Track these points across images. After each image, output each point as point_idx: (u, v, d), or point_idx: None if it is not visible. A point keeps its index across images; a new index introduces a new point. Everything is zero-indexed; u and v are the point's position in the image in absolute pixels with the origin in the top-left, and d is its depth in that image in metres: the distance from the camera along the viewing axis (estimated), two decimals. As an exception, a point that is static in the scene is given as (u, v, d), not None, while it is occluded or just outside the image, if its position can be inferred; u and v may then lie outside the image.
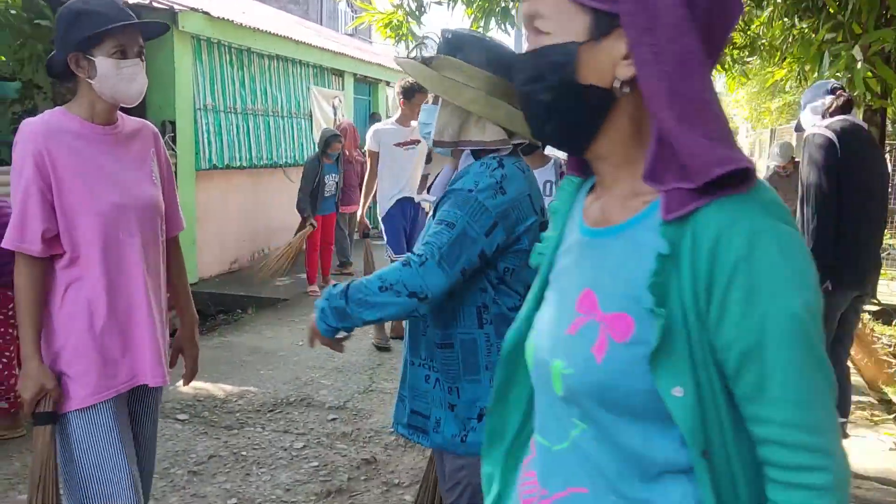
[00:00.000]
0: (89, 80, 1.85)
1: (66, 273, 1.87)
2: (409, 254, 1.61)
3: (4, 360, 3.60)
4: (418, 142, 4.73)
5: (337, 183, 6.92)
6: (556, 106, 0.88)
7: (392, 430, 3.80)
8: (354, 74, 10.53)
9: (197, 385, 4.12)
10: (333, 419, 3.96)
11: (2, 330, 3.57)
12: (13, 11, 4.90)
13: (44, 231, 1.81)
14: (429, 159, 1.90)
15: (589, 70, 0.85)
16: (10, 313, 3.55)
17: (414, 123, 5.02)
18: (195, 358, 2.21)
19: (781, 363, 0.77)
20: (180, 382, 2.27)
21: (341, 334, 1.68)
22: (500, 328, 1.67)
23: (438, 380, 1.73)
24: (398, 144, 4.89)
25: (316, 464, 3.41)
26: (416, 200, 4.63)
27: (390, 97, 11.73)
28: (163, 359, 1.98)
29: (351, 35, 17.34)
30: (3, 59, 5.61)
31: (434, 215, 1.72)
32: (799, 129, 5.64)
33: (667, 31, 0.80)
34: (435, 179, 1.85)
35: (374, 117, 10.55)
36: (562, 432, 0.92)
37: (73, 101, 1.93)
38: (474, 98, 1.64)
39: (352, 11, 23.00)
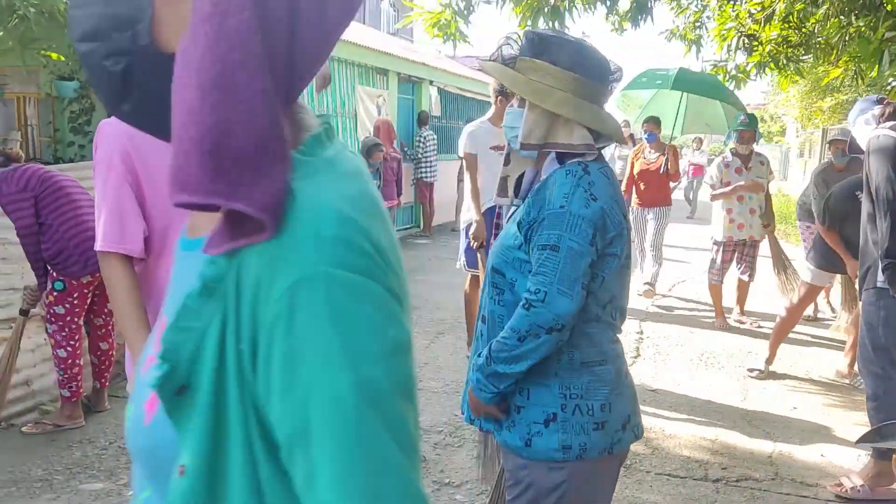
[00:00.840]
0: None
1: (158, 273, 1.79)
2: (525, 294, 1.62)
3: (69, 348, 3.70)
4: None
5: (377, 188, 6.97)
6: (129, 76, 0.64)
7: (441, 429, 3.83)
8: (399, 74, 10.57)
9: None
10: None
11: (67, 319, 3.67)
12: (73, 13, 5.04)
13: (143, 229, 1.74)
14: (507, 161, 1.89)
15: (166, 33, 0.63)
16: (76, 302, 3.65)
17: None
18: None
19: (327, 457, 0.56)
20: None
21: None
22: (574, 339, 1.68)
23: None
24: (493, 148, 4.51)
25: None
26: (493, 203, 4.37)
27: (433, 96, 11.74)
28: None
29: (393, 34, 17.41)
30: (63, 59, 5.77)
31: (510, 219, 1.73)
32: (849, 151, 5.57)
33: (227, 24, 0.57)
34: (519, 181, 1.85)
35: (422, 116, 10.57)
36: (138, 493, 0.73)
37: None
38: (562, 100, 1.65)
39: (393, 10, 23.10)
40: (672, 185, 7.62)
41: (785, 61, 7.55)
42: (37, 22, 4.80)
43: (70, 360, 3.68)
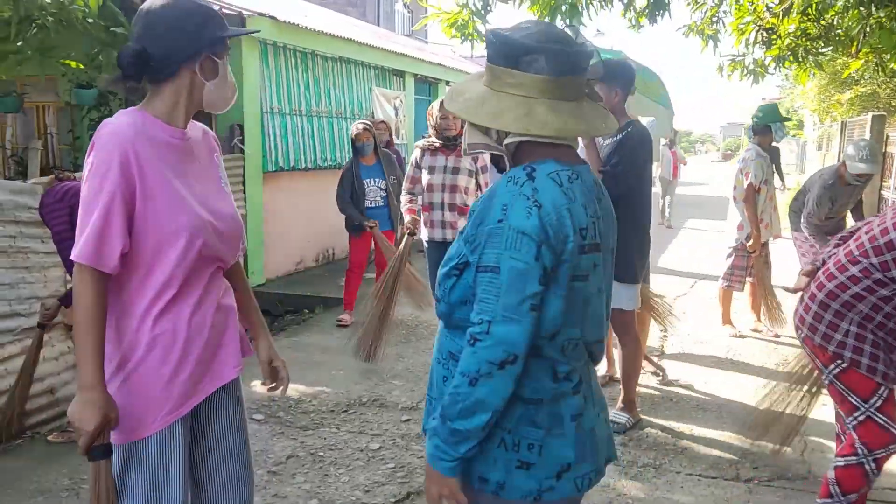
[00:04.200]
0: (205, 82, 1.76)
1: (147, 294, 1.71)
2: (470, 329, 1.43)
3: None
4: None
5: (386, 189, 5.83)
6: None
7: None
8: (415, 75, 10.56)
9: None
10: (407, 420, 3.96)
11: None
12: (90, 20, 5.05)
13: (122, 247, 1.65)
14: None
15: None
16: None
17: None
18: (284, 367, 2.07)
19: None
20: (255, 383, 2.28)
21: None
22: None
23: None
24: None
25: (392, 465, 3.41)
26: None
27: (449, 96, 11.72)
28: (238, 348, 1.89)
29: (408, 36, 17.41)
30: (82, 66, 5.80)
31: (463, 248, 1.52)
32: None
33: None
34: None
35: None
36: None
37: (150, 101, 1.76)
38: (466, 100, 1.53)
39: (408, 12, 23.11)
40: None
41: (804, 54, 7.45)
42: (55, 31, 4.82)
43: None
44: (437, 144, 4.75)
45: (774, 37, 7.35)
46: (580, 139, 3.44)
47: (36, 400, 3.81)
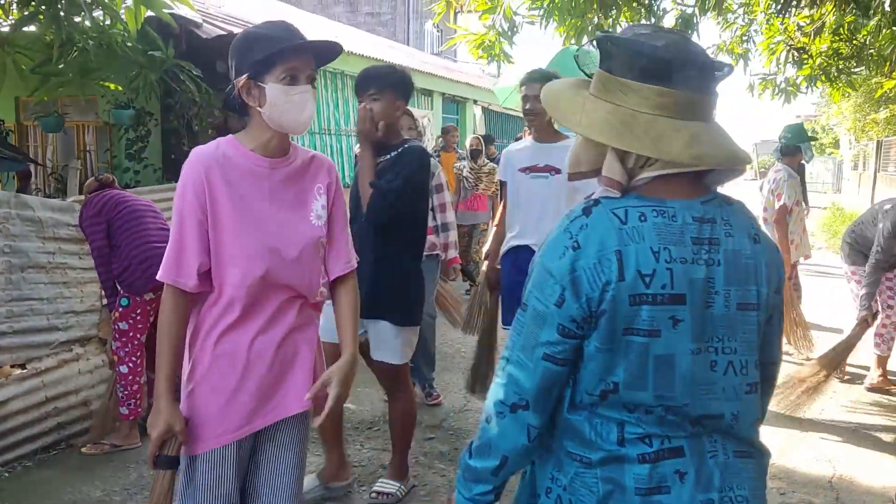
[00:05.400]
0: (259, 109, 1.78)
1: (213, 313, 1.80)
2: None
3: (131, 364, 3.79)
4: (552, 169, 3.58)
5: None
6: None
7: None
8: (443, 94, 10.67)
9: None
10: (430, 438, 3.98)
11: (130, 335, 3.78)
12: (129, 44, 5.21)
13: (199, 265, 1.75)
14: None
15: None
16: (139, 319, 3.76)
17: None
18: (340, 398, 1.90)
19: None
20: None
21: None
22: (558, 421, 1.32)
23: None
24: (524, 170, 3.65)
25: (416, 483, 3.43)
26: (524, 241, 3.68)
27: (478, 115, 11.81)
28: (309, 382, 1.88)
29: (436, 55, 17.58)
30: (120, 88, 5.97)
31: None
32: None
33: None
34: None
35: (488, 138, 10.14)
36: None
37: (246, 130, 1.86)
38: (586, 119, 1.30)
39: (437, 31, 23.35)
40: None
41: (836, 73, 7.40)
42: (95, 54, 4.99)
43: (131, 377, 3.78)
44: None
45: (806, 56, 7.30)
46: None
47: (71, 412, 3.91)
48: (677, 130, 1.20)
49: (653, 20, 6.42)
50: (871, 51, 7.17)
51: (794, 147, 5.50)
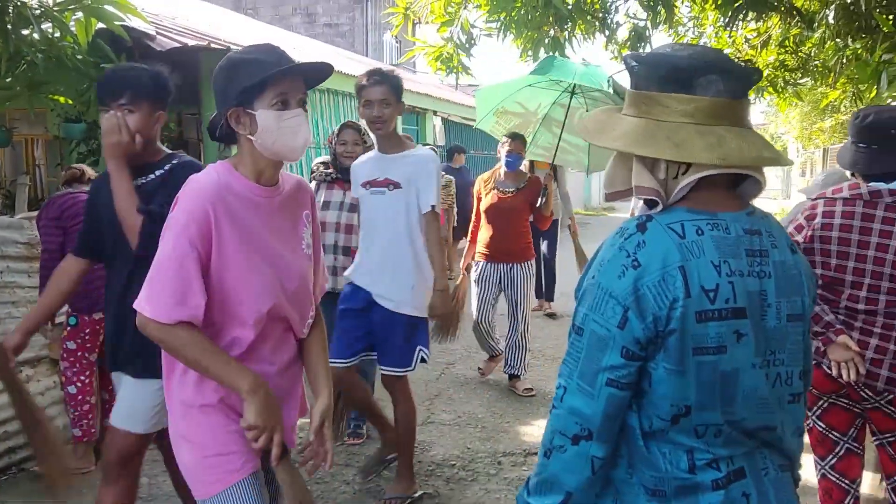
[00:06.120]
0: (250, 137, 1.70)
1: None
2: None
3: (79, 384, 3.69)
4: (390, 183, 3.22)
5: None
6: None
7: (453, 462, 3.80)
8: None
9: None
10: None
11: (79, 354, 3.68)
12: (79, 56, 5.11)
13: (203, 301, 1.64)
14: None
15: None
16: (87, 338, 3.66)
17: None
18: (332, 437, 1.88)
19: None
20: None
21: None
22: (628, 452, 1.27)
23: None
24: (366, 184, 3.30)
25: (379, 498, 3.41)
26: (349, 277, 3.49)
27: (437, 126, 11.85)
28: (296, 420, 1.90)
29: (396, 66, 17.62)
30: (71, 102, 5.85)
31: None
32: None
33: None
34: None
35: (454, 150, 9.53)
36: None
37: (238, 158, 1.77)
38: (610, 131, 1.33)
39: (396, 42, 23.40)
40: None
41: (783, 85, 7.63)
42: (45, 67, 4.87)
43: (80, 397, 3.68)
44: (334, 176, 4.05)
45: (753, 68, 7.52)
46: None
47: (22, 436, 3.79)
48: (701, 134, 1.20)
49: (607, 33, 6.55)
50: (816, 62, 7.42)
51: None
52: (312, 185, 4.12)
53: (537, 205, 5.05)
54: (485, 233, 5.02)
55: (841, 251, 2.44)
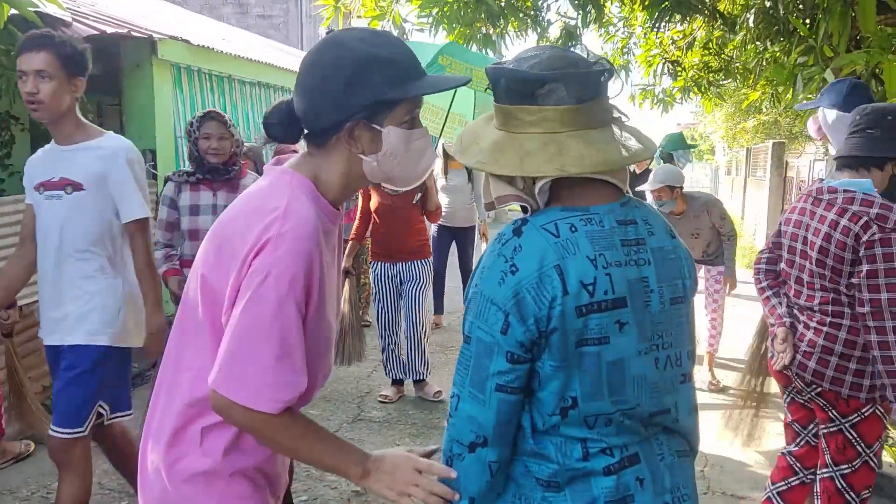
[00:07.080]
0: (364, 157, 1.35)
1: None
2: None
3: None
4: None
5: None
6: None
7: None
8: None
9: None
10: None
11: None
12: (-9, 43, 4.87)
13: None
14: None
15: None
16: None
17: None
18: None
19: None
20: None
21: None
22: (522, 449, 1.29)
23: None
24: None
25: (306, 498, 3.37)
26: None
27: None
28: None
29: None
30: (-19, 90, 5.56)
31: None
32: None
33: None
34: None
35: None
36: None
37: (318, 169, 1.37)
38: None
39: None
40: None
41: (707, 85, 7.89)
42: (-48, 53, 4.62)
43: None
44: (198, 177, 3.44)
45: (679, 69, 7.74)
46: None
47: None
48: (544, 145, 1.21)
49: (538, 31, 6.63)
50: (738, 64, 7.69)
51: (668, 154, 5.97)
52: (170, 186, 3.53)
53: (414, 201, 4.60)
54: (379, 232, 4.74)
55: (790, 246, 2.58)
